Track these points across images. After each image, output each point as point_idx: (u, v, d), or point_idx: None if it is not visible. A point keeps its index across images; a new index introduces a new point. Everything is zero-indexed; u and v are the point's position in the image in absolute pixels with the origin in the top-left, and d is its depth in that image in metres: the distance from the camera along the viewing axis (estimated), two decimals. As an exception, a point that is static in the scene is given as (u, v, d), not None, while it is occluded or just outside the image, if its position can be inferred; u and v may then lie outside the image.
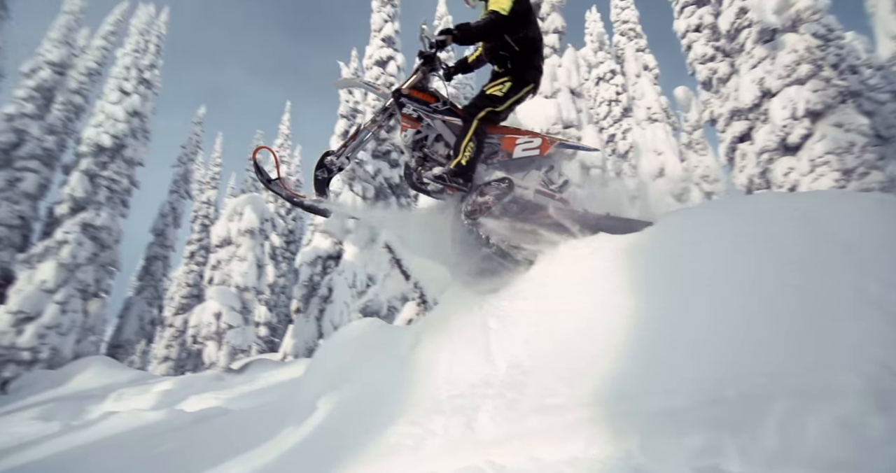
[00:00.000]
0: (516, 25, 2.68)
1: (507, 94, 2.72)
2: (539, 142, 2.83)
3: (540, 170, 2.89)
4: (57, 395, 8.94)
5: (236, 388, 8.26)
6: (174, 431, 5.01)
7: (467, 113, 2.70)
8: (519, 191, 2.77)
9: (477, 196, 2.65)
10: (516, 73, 2.77)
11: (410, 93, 2.75)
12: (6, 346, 11.01)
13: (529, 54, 2.80)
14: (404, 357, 2.28)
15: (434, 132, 2.83)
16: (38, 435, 5.89)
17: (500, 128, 2.89)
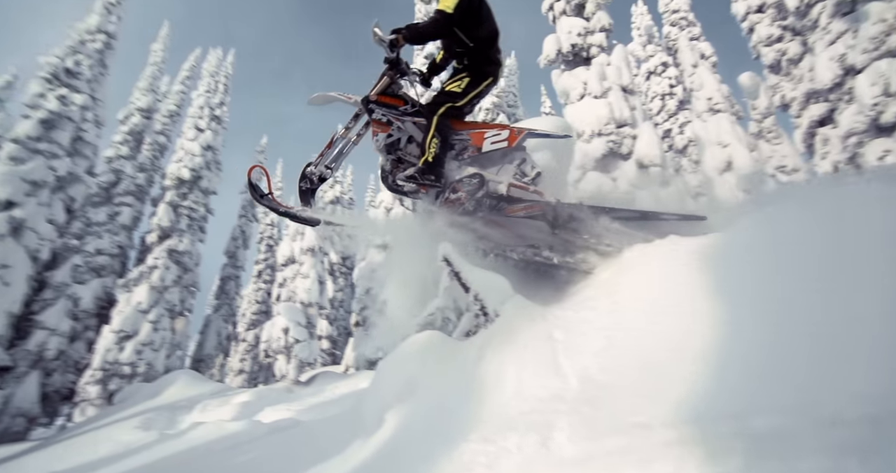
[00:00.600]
0: (466, 22, 2.69)
1: (465, 90, 2.74)
2: (507, 134, 2.80)
3: (513, 164, 2.87)
4: (152, 406, 9.82)
5: (305, 400, 8.66)
6: (254, 441, 5.35)
7: (427, 110, 2.73)
8: (492, 186, 2.74)
9: (450, 193, 2.67)
10: (474, 68, 2.78)
11: (378, 99, 2.79)
12: (111, 362, 12.43)
13: (485, 49, 2.80)
14: (469, 371, 2.26)
15: (405, 134, 2.85)
16: (139, 443, 6.56)
17: (467, 124, 2.89)
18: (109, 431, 7.97)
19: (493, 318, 2.36)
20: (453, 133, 2.81)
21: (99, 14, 12.62)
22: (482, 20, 2.78)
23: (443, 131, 2.69)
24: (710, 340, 1.40)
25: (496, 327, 2.26)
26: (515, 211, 2.79)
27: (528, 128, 2.93)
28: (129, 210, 14.56)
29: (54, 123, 10.76)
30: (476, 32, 2.77)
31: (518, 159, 2.91)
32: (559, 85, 5.84)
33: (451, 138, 2.81)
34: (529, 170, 2.91)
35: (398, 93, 2.88)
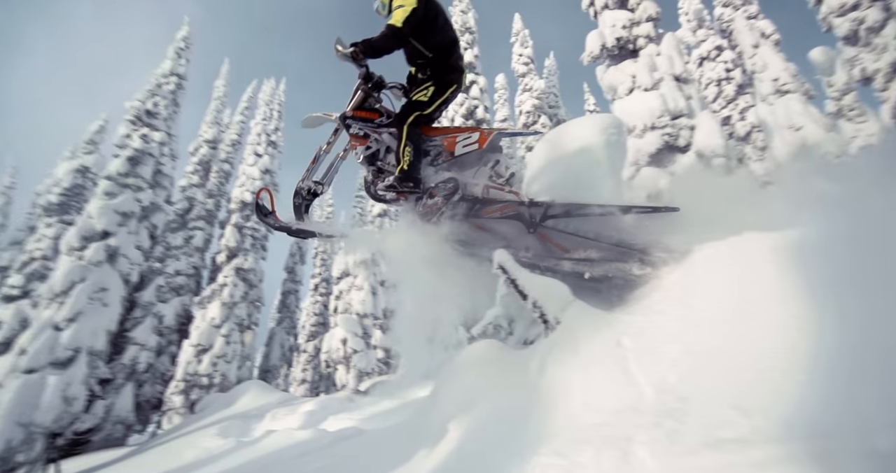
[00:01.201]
0: (421, 34, 2.75)
1: (432, 98, 2.80)
2: (477, 137, 2.85)
3: (487, 166, 2.91)
4: (228, 414, 10.49)
5: (366, 409, 8.87)
6: (321, 450, 5.55)
7: (397, 121, 2.78)
8: (468, 189, 2.79)
9: (427, 198, 2.72)
10: (437, 77, 2.84)
11: (354, 114, 2.85)
12: (191, 373, 13.52)
13: (445, 58, 2.87)
14: (532, 381, 2.19)
15: (383, 145, 2.91)
16: (220, 450, 7.04)
17: (438, 130, 2.94)
18: (193, 438, 8.63)
19: (553, 326, 2.29)
20: (426, 140, 2.87)
21: (171, 59, 14.13)
22: (437, 30, 2.82)
23: (414, 139, 2.75)
24: (812, 346, 1.26)
25: (558, 335, 2.19)
26: (492, 212, 2.84)
27: (497, 129, 2.96)
28: (201, 233, 15.92)
29: (138, 160, 12.11)
30: (433, 43, 2.83)
31: (492, 161, 2.93)
32: (605, 81, 5.62)
33: (425, 145, 2.87)
34: (504, 171, 2.94)
35: (374, 107, 2.94)
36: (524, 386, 2.33)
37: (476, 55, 12.81)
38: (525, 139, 14.73)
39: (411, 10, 2.61)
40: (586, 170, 3.10)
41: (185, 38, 14.45)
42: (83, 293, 10.27)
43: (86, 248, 10.75)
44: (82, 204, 13.29)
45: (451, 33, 2.93)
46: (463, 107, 11.83)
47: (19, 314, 11.28)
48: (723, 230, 2.21)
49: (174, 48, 14.15)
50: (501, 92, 17.73)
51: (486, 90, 12.66)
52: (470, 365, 3.02)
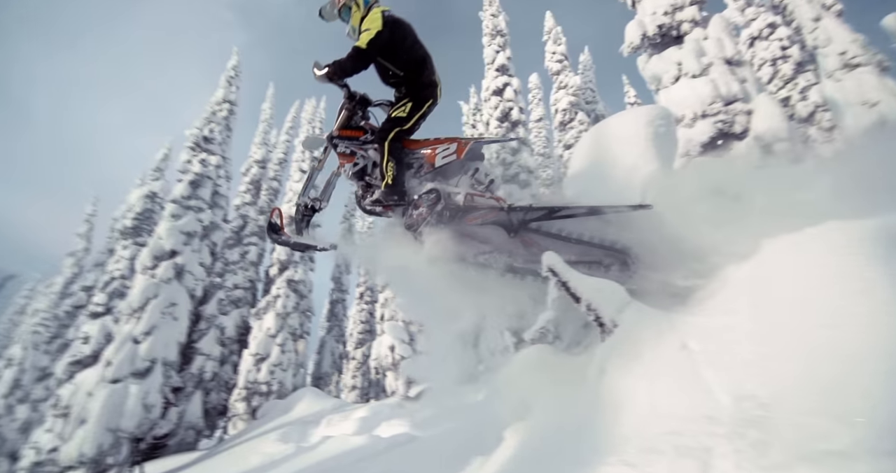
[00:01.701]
0: (388, 54, 2.89)
1: (410, 113, 2.91)
2: (455, 147, 2.94)
3: (467, 174, 2.99)
4: (287, 421, 10.97)
5: (417, 415, 8.93)
6: (376, 456, 5.65)
7: (379, 137, 2.91)
8: (451, 198, 2.88)
9: (412, 210, 2.83)
10: (412, 94, 2.96)
11: (339, 134, 2.99)
12: (252, 381, 14.29)
13: (417, 75, 2.98)
14: (591, 387, 2.10)
15: (370, 161, 3.01)
16: (281, 455, 7.36)
17: (419, 143, 3.02)
18: (256, 443, 9.09)
19: (610, 329, 2.19)
20: (408, 153, 2.99)
21: (223, 87, 15.25)
22: (405, 50, 2.94)
23: (396, 154, 2.87)
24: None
25: (617, 338, 2.09)
26: (475, 219, 2.91)
27: (474, 139, 3.02)
28: (255, 248, 16.89)
29: (198, 183, 13.13)
30: (402, 62, 2.95)
31: (472, 169, 3.00)
32: (647, 71, 5.35)
33: (408, 158, 2.99)
34: (483, 178, 3.01)
35: (358, 125, 3.06)
36: (582, 393, 2.25)
37: (508, 57, 12.76)
38: (563, 138, 14.40)
39: (376, 33, 2.77)
40: (633, 166, 2.97)
41: (235, 66, 15.55)
42: (156, 308, 11.21)
43: (157, 267, 11.74)
44: (152, 226, 14.59)
45: (421, 52, 3.04)
46: (497, 110, 11.80)
47: (104, 329, 12.48)
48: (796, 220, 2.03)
49: (225, 77, 15.26)
50: (535, 92, 17.51)
51: (519, 91, 12.56)
52: (523, 371, 2.96)
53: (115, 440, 9.57)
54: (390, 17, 2.91)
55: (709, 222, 2.54)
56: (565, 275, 2.21)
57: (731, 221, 2.51)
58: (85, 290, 17.75)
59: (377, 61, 2.95)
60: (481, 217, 2.92)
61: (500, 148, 11.76)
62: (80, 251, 20.10)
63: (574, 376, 2.53)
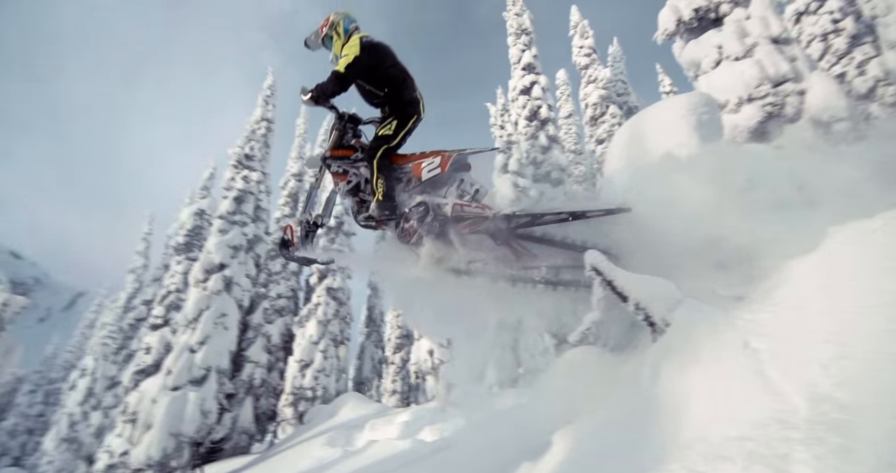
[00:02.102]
0: (368, 76, 3.05)
1: (396, 131, 3.03)
2: (439, 161, 3.03)
3: (453, 185, 3.07)
4: (332, 425, 11.22)
5: (458, 419, 8.91)
6: (422, 460, 5.67)
7: (367, 156, 3.04)
8: (440, 209, 2.95)
9: (403, 223, 2.93)
10: (396, 112, 3.09)
11: (332, 154, 3.14)
12: (298, 387, 14.78)
13: (398, 94, 3.10)
14: (644, 390, 2.02)
15: (362, 177, 3.12)
16: (329, 459, 7.55)
17: (406, 158, 3.13)
18: (305, 447, 9.38)
19: (662, 328, 2.09)
20: (397, 168, 3.11)
21: (260, 106, 16.04)
22: (384, 70, 3.08)
23: (385, 171, 3.01)
24: None
25: (670, 338, 1.99)
26: (463, 229, 2.98)
27: (457, 151, 3.08)
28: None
29: (242, 198, 13.85)
30: (382, 82, 3.09)
31: (457, 180, 3.09)
32: (684, 57, 5.09)
33: (397, 173, 3.11)
34: (469, 189, 3.08)
35: (349, 144, 3.19)
36: (634, 396, 2.16)
37: (535, 55, 12.61)
38: (594, 133, 14.03)
39: (354, 57, 2.94)
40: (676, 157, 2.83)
41: (270, 85, 16.31)
42: (209, 319, 11.87)
43: (208, 280, 12.44)
44: (202, 242, 15.50)
45: (400, 72, 3.16)
46: (526, 109, 11.68)
47: (163, 339, 13.36)
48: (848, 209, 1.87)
49: (262, 96, 16.04)
50: (564, 88, 17.17)
51: (547, 88, 12.36)
52: (568, 374, 2.88)
53: (178, 444, 10.17)
54: (368, 42, 3.05)
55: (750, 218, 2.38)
56: (610, 274, 2.14)
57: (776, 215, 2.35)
58: (145, 304, 19.08)
59: (358, 84, 3.11)
60: (469, 227, 2.99)
61: (529, 147, 11.62)
62: (140, 267, 21.65)
63: (624, 379, 2.44)
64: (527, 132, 11.69)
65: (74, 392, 18.64)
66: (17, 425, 24.29)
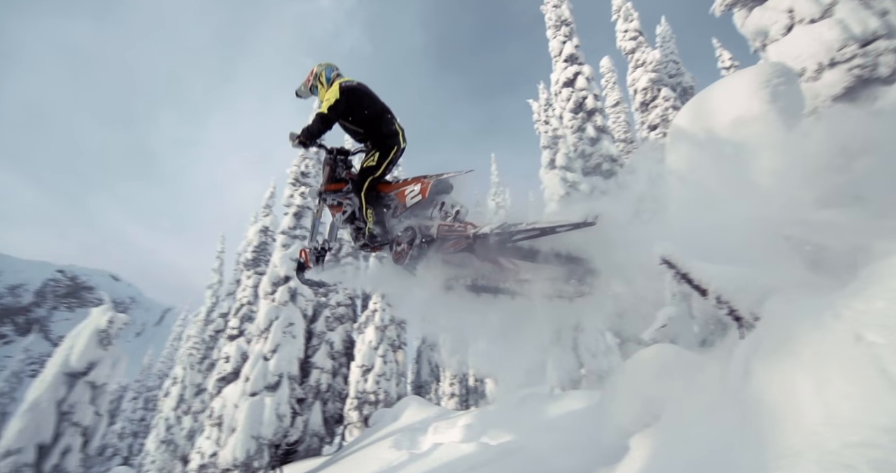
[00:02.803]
0: (347, 115, 3.32)
1: (378, 162, 3.27)
2: (419, 188, 3.24)
3: (436, 208, 3.26)
4: (396, 428, 11.46)
5: (522, 422, 8.72)
6: (489, 464, 5.62)
7: (355, 188, 3.30)
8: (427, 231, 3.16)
9: (395, 246, 3.19)
10: (377, 145, 3.32)
11: (326, 189, 3.45)
12: (361, 391, 15.30)
13: (377, 129, 3.34)
14: (735, 391, 1.84)
15: (356, 206, 3.35)
16: (397, 461, 7.70)
17: (392, 186, 3.36)
18: (373, 450, 9.65)
19: (751, 322, 1.90)
20: (384, 196, 3.37)
21: (309, 127, 16.94)
22: (363, 109, 3.34)
23: (372, 201, 3.28)
24: None
25: (762, 333, 1.80)
26: (448, 248, 3.16)
27: (435, 177, 3.27)
28: (351, 267, 18.27)
29: (301, 214, 14.71)
30: (361, 120, 3.36)
31: (439, 203, 3.28)
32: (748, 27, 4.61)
33: (384, 201, 3.37)
34: (450, 210, 3.25)
35: (341, 177, 3.48)
36: (723, 397, 1.98)
37: (576, 45, 12.20)
38: (646, 119, 13.28)
39: (334, 100, 3.25)
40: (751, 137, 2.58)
41: (317, 106, 17.23)
42: (279, 328, 12.66)
43: (275, 292, 13.30)
44: (268, 256, 16.60)
45: (378, 109, 3.42)
46: (570, 102, 11.31)
47: (239, 349, 14.44)
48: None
49: (312, 117, 16.99)
50: (609, 76, 16.44)
51: (592, 78, 11.90)
52: (643, 374, 2.72)
53: (259, 446, 10.91)
54: (346, 86, 3.34)
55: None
56: (685, 266, 1.99)
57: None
58: (222, 316, 20.77)
59: (341, 123, 3.40)
60: (453, 246, 3.16)
61: (576, 140, 11.23)
62: (215, 283, 23.63)
63: (708, 378, 2.25)
64: (573, 125, 11.31)
65: (168, 398, 20.67)
66: (125, 428, 27.36)
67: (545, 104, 12.70)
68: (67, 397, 9.42)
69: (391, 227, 3.33)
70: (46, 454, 9.01)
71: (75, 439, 9.42)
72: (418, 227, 3.24)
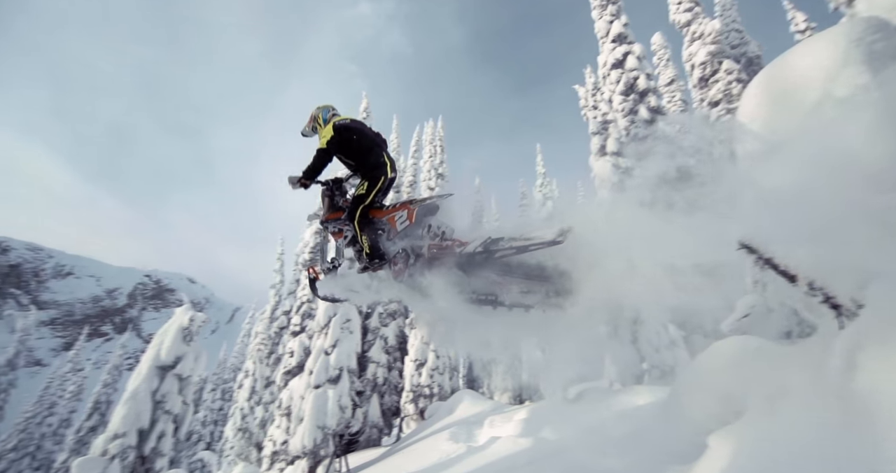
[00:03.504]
0: (340, 150, 3.70)
1: (368, 190, 3.60)
2: (406, 214, 3.59)
3: (424, 229, 3.59)
4: (452, 421, 11.60)
5: (580, 417, 8.46)
6: (549, 458, 5.54)
7: (349, 217, 3.63)
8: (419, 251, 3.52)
9: (392, 266, 3.55)
10: (366, 176, 3.67)
11: (326, 219, 3.84)
12: (416, 385, 15.66)
13: (365, 160, 3.70)
14: (837, 386, 1.67)
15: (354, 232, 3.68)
16: (455, 454, 7.81)
17: (383, 212, 3.67)
18: (431, 442, 9.86)
19: (852, 311, 1.71)
20: (377, 221, 3.69)
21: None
22: (353, 143, 3.73)
23: (366, 227, 3.61)
24: None
25: (867, 322, 1.61)
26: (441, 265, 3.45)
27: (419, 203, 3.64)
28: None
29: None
30: (352, 153, 3.75)
31: (426, 225, 3.61)
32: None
33: (378, 225, 3.68)
34: (437, 230, 3.58)
35: (339, 206, 3.86)
36: (820, 393, 1.80)
37: (625, 23, 11.51)
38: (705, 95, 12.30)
39: (330, 137, 3.66)
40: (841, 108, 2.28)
41: (366, 108, 17.71)
42: (337, 324, 13.27)
43: (331, 289, 13.94)
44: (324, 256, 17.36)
45: (367, 143, 3.80)
46: (620, 84, 10.72)
47: (302, 344, 15.32)
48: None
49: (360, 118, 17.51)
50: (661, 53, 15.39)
51: (643, 57, 11.19)
52: (720, 368, 2.54)
53: (324, 435, 11.54)
54: (340, 124, 3.77)
55: None
56: (768, 250, 1.82)
57: None
58: (285, 314, 22.14)
59: (337, 156, 3.77)
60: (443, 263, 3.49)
61: (628, 124, 10.66)
62: (278, 283, 25.21)
63: (799, 373, 2.06)
64: (623, 108, 10.73)
65: (242, 390, 22.41)
66: (206, 417, 30.10)
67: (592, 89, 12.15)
68: (160, 388, 10.52)
69: (386, 249, 3.65)
70: (145, 438, 10.14)
71: (168, 425, 10.50)
72: (410, 248, 3.63)
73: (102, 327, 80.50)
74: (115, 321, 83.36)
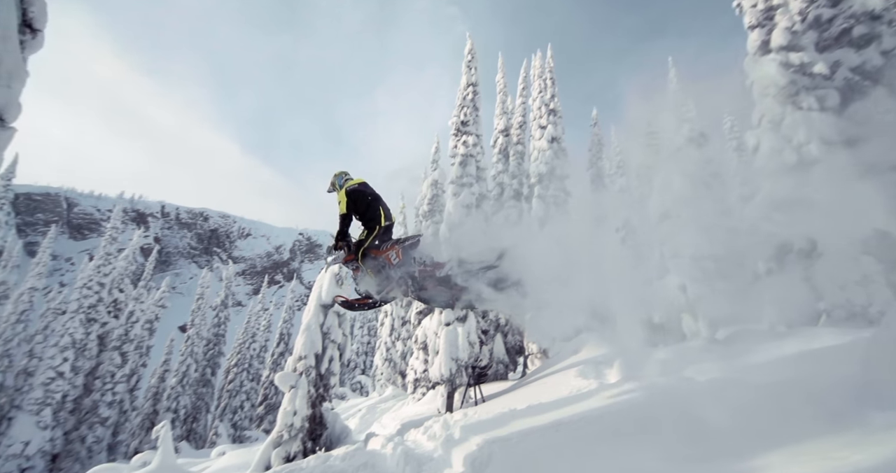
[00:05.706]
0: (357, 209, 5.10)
1: (366, 237, 5.04)
2: (395, 253, 5.00)
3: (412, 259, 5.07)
4: (578, 360, 11.42)
5: (734, 359, 7.64)
6: (694, 396, 5.19)
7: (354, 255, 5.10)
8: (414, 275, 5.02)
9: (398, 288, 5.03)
10: (365, 226, 5.13)
11: (345, 261, 5.12)
12: (540, 325, 15.92)
13: (364, 215, 5.11)
14: None
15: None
16: (587, 389, 7.88)
17: (380, 252, 5.02)
18: (559, 377, 10.11)
19: None
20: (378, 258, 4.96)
21: (465, 73, 16.65)
22: (360, 204, 5.07)
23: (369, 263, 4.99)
24: None
25: None
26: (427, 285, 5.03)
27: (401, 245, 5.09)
28: (514, 210, 18.51)
29: (465, 162, 15.39)
30: (359, 211, 5.11)
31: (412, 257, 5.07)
32: None
33: (380, 261, 4.94)
34: (420, 260, 5.08)
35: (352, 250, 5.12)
36: None
37: None
38: None
39: (345, 203, 5.00)
40: None
41: (470, 50, 16.93)
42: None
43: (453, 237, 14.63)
44: (441, 207, 18.21)
45: (370, 201, 5.09)
46: None
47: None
48: None
49: (465, 62, 16.85)
50: None
51: None
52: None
53: (458, 367, 12.79)
54: (351, 190, 5.07)
55: None
56: None
57: None
58: (411, 261, 24.28)
59: None
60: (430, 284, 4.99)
61: (806, 5, 8.14)
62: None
63: None
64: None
65: (383, 327, 25.92)
66: (358, 348, 36.02)
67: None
68: (325, 322, 12.79)
69: (391, 278, 4.96)
70: (320, 360, 12.62)
71: (334, 351, 12.85)
72: (407, 275, 4.99)
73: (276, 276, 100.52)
74: (283, 271, 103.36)
